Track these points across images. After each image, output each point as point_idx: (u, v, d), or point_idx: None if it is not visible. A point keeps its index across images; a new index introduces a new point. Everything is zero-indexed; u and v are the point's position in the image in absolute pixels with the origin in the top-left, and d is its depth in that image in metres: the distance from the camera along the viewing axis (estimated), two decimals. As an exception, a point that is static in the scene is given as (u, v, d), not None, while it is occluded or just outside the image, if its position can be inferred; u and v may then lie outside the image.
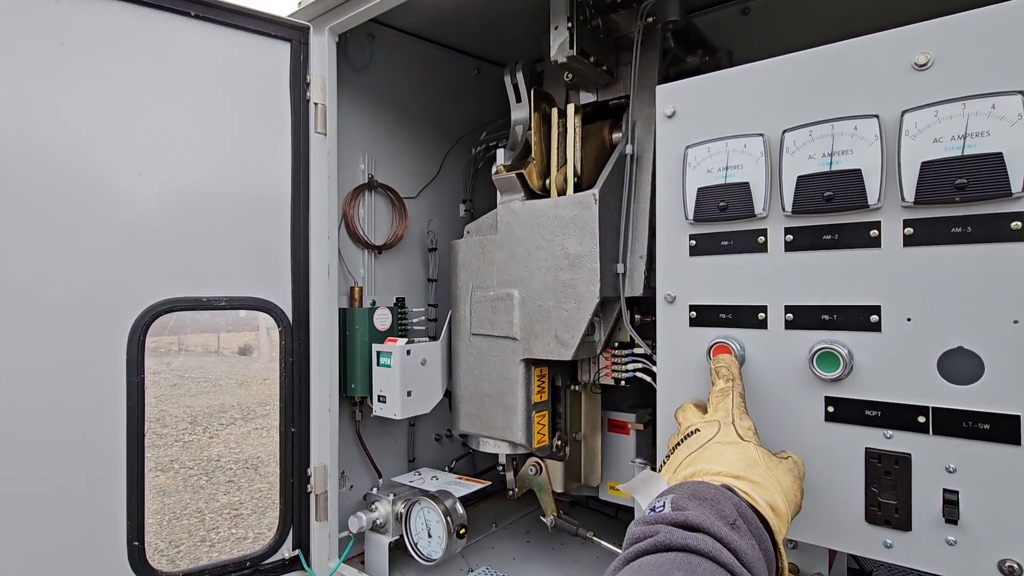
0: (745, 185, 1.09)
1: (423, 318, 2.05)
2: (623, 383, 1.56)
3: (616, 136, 1.66)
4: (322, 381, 1.68)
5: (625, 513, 2.04)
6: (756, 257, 1.10)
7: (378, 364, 1.78)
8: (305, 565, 1.66)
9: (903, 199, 0.94)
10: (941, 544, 0.93)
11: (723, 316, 1.14)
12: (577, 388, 1.73)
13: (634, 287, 1.47)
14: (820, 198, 1.01)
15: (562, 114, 1.58)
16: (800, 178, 1.03)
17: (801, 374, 1.05)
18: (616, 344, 1.58)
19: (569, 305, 1.47)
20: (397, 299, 1.98)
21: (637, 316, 1.52)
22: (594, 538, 1.68)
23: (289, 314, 1.65)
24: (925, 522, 0.94)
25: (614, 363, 1.57)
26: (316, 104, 1.67)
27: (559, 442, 1.67)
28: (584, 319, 1.44)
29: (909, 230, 0.95)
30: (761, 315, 1.09)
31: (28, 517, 1.31)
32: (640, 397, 1.83)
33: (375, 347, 1.80)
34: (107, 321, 1.40)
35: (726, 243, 1.13)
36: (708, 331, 1.15)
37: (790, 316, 1.06)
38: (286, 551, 1.66)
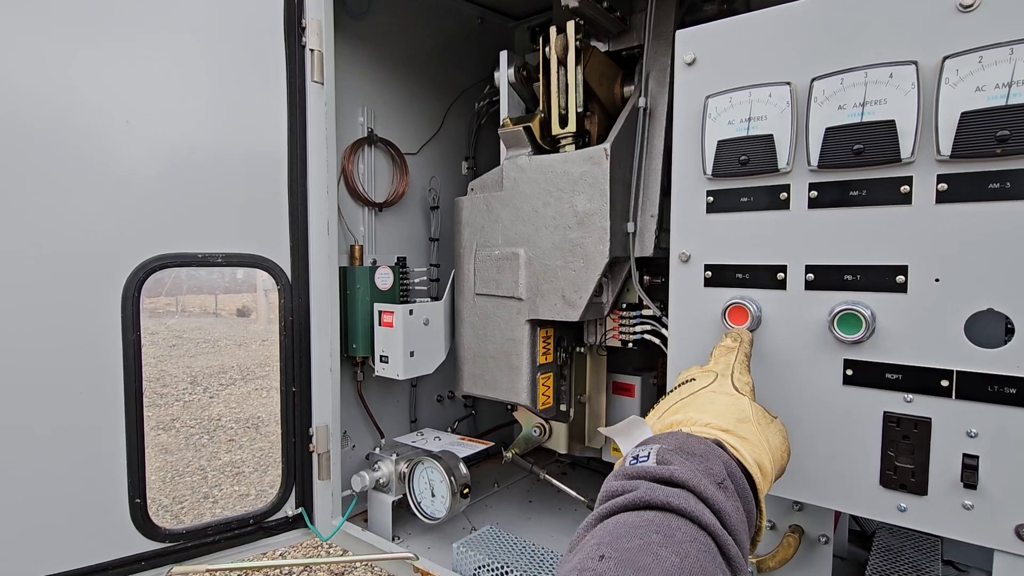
0: (769, 138, 1.03)
1: (424, 278, 2.00)
2: (630, 345, 1.53)
3: (628, 89, 1.58)
4: (323, 340, 1.65)
5: (627, 474, 2.05)
6: (777, 215, 1.05)
7: (379, 324, 1.75)
8: (308, 523, 1.67)
9: (939, 152, 0.89)
10: (957, 509, 0.91)
11: (740, 276, 1.10)
12: (583, 350, 1.70)
13: (644, 247, 1.43)
14: (849, 151, 0.96)
15: (561, 62, 1.49)
16: (828, 130, 0.97)
17: (820, 336, 1.01)
18: (624, 305, 1.54)
19: (577, 264, 1.42)
20: (398, 258, 1.93)
21: (646, 277, 1.48)
22: (546, 476, 1.75)
23: (288, 272, 1.61)
24: (942, 487, 0.92)
25: (621, 325, 1.54)
26: (312, 51, 1.58)
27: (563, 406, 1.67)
28: (592, 279, 1.40)
29: (943, 185, 0.90)
30: (780, 275, 1.05)
31: (31, 475, 1.29)
32: (646, 360, 1.80)
33: (377, 306, 1.77)
34: (100, 278, 1.35)
35: (746, 199, 1.08)
36: (723, 291, 1.12)
37: (811, 276, 1.02)
38: (289, 509, 1.66)
